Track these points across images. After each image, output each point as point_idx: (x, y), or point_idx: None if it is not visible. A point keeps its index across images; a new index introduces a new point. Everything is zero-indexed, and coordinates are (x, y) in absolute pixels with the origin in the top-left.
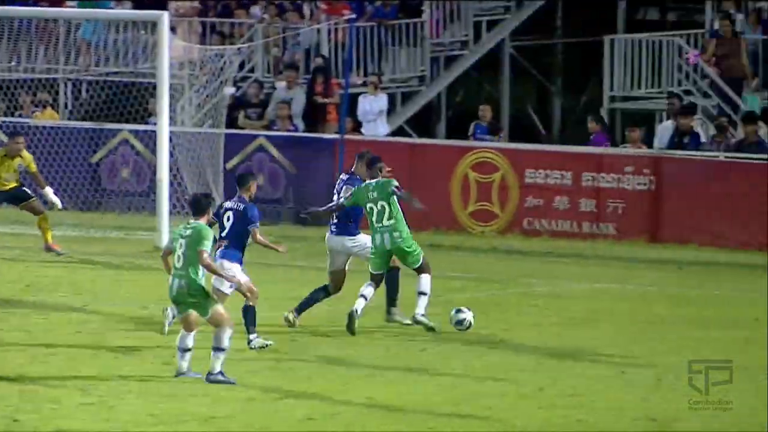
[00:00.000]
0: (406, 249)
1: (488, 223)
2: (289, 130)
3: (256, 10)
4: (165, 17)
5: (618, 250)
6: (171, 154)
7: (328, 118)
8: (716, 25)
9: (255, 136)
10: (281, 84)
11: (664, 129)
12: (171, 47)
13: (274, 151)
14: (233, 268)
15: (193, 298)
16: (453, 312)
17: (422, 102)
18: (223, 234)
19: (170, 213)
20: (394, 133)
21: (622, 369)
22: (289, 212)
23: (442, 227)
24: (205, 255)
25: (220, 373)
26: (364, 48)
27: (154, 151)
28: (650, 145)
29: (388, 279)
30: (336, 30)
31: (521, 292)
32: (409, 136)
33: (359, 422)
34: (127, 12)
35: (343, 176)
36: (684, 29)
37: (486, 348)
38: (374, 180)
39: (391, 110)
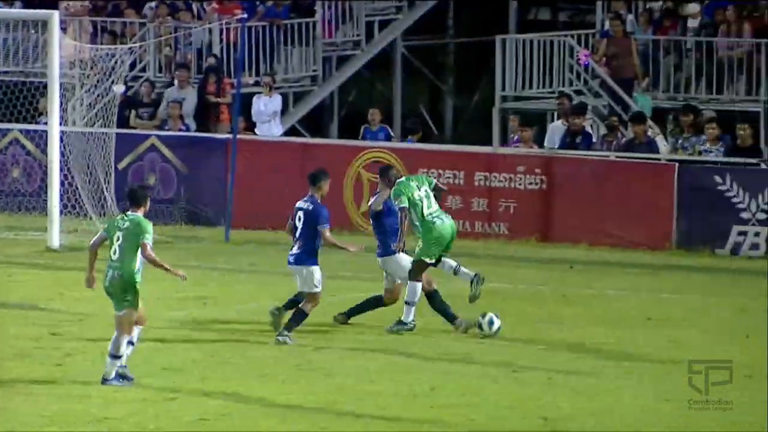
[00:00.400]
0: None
1: None
2: (180, 130)
3: (148, 9)
4: (55, 16)
5: (510, 249)
6: (62, 154)
7: (221, 118)
8: (607, 26)
9: (147, 136)
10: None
11: (554, 129)
12: (62, 46)
13: (165, 151)
14: (315, 273)
15: (120, 290)
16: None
17: (315, 102)
18: (297, 235)
19: (61, 213)
20: (286, 133)
21: (513, 368)
22: (180, 212)
23: (335, 227)
24: (148, 248)
25: (116, 378)
26: (256, 48)
27: (44, 151)
28: (542, 145)
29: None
30: (228, 30)
31: None
32: (302, 135)
33: (252, 422)
34: (17, 11)
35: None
36: (575, 29)
37: (378, 348)
38: (405, 177)
39: (283, 110)
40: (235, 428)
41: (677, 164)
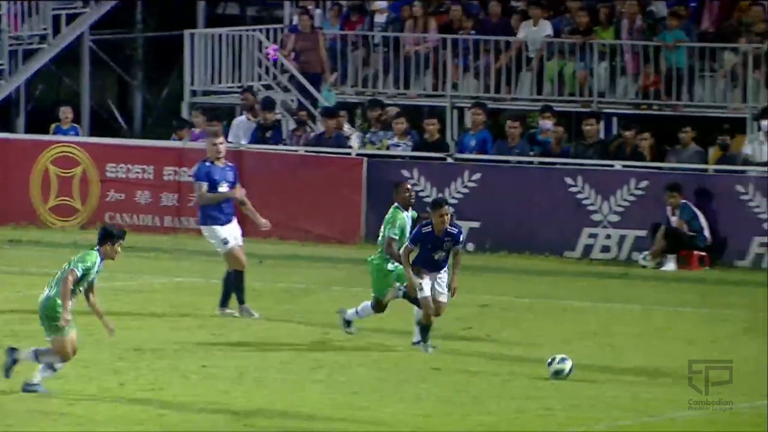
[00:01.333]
0: None
1: (69, 217)
2: None
3: None
4: None
5: (199, 244)
6: None
7: None
8: (295, 20)
9: None
10: None
11: (239, 124)
12: None
13: None
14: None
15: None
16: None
17: (1, 96)
18: None
19: None
20: None
21: (203, 363)
22: None
23: (22, 222)
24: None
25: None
26: None
27: None
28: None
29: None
30: None
31: (102, 286)
32: None
33: None
34: None
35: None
36: (263, 24)
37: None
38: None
39: None
40: None
41: (366, 158)
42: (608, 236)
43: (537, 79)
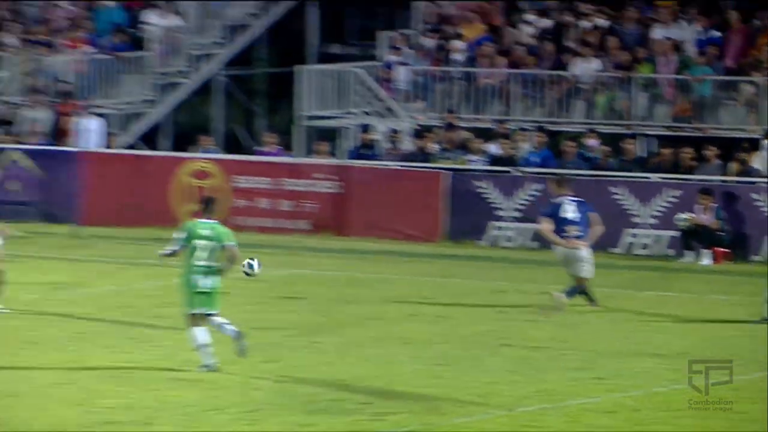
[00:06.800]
0: None
1: None
2: (39, 144)
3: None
4: None
5: (311, 242)
6: None
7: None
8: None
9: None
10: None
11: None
12: None
13: (26, 162)
14: None
15: None
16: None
17: (151, 121)
18: None
19: None
20: (127, 147)
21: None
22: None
23: (164, 224)
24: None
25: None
26: (98, 75)
27: None
28: (337, 156)
29: None
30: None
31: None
32: (141, 149)
33: None
34: None
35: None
36: (362, 61)
37: None
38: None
39: (123, 128)
40: None
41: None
42: (647, 236)
43: (588, 106)
